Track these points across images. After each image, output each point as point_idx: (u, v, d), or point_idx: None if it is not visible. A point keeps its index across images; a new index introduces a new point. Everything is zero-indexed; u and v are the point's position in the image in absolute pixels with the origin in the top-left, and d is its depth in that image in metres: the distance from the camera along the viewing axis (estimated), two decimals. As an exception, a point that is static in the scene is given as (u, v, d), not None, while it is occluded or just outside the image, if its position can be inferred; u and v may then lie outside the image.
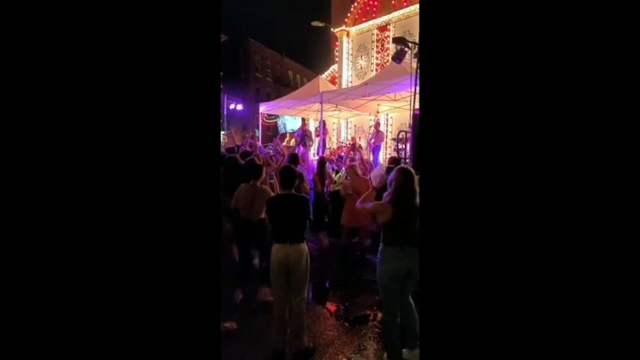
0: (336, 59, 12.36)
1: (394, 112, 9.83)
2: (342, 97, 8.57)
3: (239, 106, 19.15)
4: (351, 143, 8.81)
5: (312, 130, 11.23)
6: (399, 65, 6.50)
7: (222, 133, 17.21)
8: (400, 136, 7.11)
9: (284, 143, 11.00)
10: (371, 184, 4.85)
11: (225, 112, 18.60)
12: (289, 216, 2.78)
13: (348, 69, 11.86)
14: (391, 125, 10.47)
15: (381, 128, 9.72)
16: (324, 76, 12.50)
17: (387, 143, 9.72)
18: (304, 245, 2.79)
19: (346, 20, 11.53)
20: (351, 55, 11.82)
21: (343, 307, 3.66)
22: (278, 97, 15.08)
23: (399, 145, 7.22)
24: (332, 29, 12.15)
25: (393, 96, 8.17)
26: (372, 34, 11.09)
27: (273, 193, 3.45)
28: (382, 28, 10.78)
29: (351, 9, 11.38)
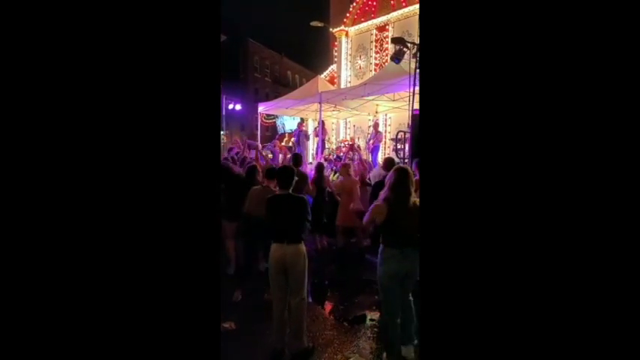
0: (335, 59, 12.36)
1: (393, 113, 9.83)
2: (341, 97, 8.58)
3: (238, 106, 19.15)
4: (350, 144, 8.82)
5: (310, 130, 11.25)
6: (398, 65, 6.51)
7: (222, 133, 17.23)
8: (399, 136, 7.10)
9: (282, 143, 11.03)
10: (358, 182, 4.86)
11: (223, 112, 18.55)
12: (286, 216, 2.77)
13: (346, 69, 11.86)
14: (390, 125, 10.47)
15: (380, 128, 9.73)
16: (322, 76, 12.49)
17: (385, 143, 9.71)
18: (302, 246, 2.77)
19: (345, 20, 11.53)
20: (349, 55, 11.82)
21: (342, 307, 3.66)
22: (277, 97, 15.09)
23: (397, 145, 7.22)
24: (331, 29, 12.15)
25: (391, 96, 8.18)
26: (371, 35, 11.09)
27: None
28: (381, 28, 10.79)
29: (350, 9, 11.38)
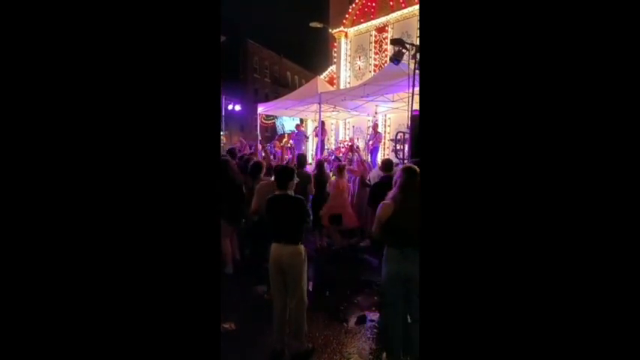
0: (335, 60, 12.36)
1: (392, 113, 9.84)
2: (341, 97, 8.59)
3: (237, 107, 19.09)
4: (349, 144, 8.82)
5: (309, 130, 11.25)
6: (397, 66, 6.51)
7: (221, 134, 17.23)
8: (398, 137, 7.10)
9: (282, 144, 11.01)
10: (346, 182, 4.83)
11: (223, 113, 18.47)
12: (283, 216, 2.76)
13: (346, 70, 11.86)
14: (389, 126, 10.47)
15: (379, 129, 9.73)
16: (322, 76, 12.49)
17: (385, 144, 9.71)
18: (299, 246, 2.73)
19: (344, 21, 11.53)
20: (349, 56, 11.82)
21: (342, 307, 3.66)
22: (276, 97, 15.10)
23: (397, 145, 7.22)
24: (330, 30, 12.15)
25: (391, 97, 8.19)
26: (370, 36, 11.09)
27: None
28: (380, 29, 10.79)
29: (350, 10, 11.38)
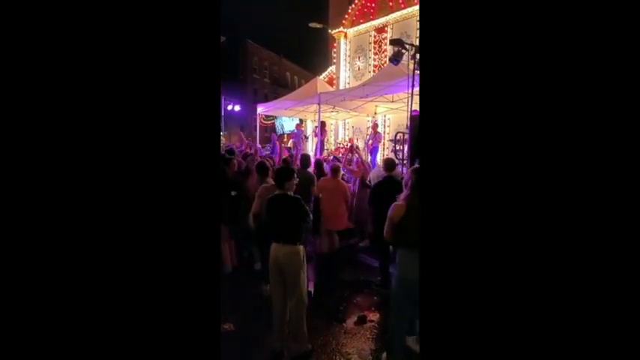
0: (334, 60, 12.36)
1: (391, 114, 9.84)
2: (340, 98, 8.56)
3: (237, 107, 19.12)
4: (349, 145, 8.80)
5: (309, 131, 11.25)
6: (397, 67, 6.51)
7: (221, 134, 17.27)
8: (397, 137, 7.10)
9: (281, 143, 11.01)
10: (341, 182, 4.74)
11: (222, 113, 18.54)
12: (282, 216, 2.75)
13: (345, 70, 11.87)
14: (388, 127, 10.48)
15: (379, 129, 9.73)
16: (321, 77, 12.49)
17: (384, 144, 9.71)
18: (298, 246, 2.71)
19: (344, 22, 11.53)
20: (348, 56, 11.82)
21: (341, 307, 3.66)
22: (276, 98, 15.09)
23: (396, 146, 7.21)
24: (330, 30, 12.15)
25: (390, 97, 8.19)
26: (370, 36, 11.10)
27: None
28: (380, 29, 10.79)
29: (349, 10, 11.38)
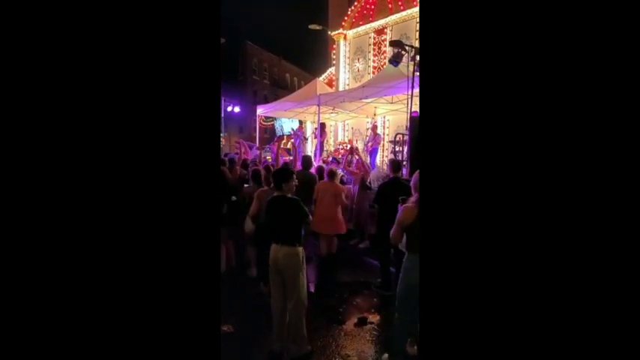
0: (334, 62, 12.36)
1: (391, 115, 9.84)
2: (340, 99, 8.58)
3: (236, 109, 19.23)
4: (349, 146, 8.80)
5: (309, 132, 11.25)
6: (396, 68, 6.51)
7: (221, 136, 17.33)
8: (397, 139, 7.10)
9: (279, 145, 11.02)
10: (339, 185, 4.71)
11: (222, 115, 18.82)
12: (280, 217, 2.75)
13: (345, 72, 11.87)
14: (388, 128, 10.48)
15: (379, 131, 9.72)
16: (321, 78, 12.49)
17: (384, 146, 9.71)
18: (297, 248, 2.70)
19: (343, 23, 11.54)
20: (348, 58, 11.83)
21: (341, 309, 3.65)
22: (275, 99, 15.08)
23: (396, 147, 7.21)
24: (329, 32, 12.16)
25: (390, 99, 8.19)
26: (369, 38, 11.11)
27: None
28: (379, 31, 10.80)
29: (349, 12, 11.39)
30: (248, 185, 4.51)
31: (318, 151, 8.99)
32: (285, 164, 5.38)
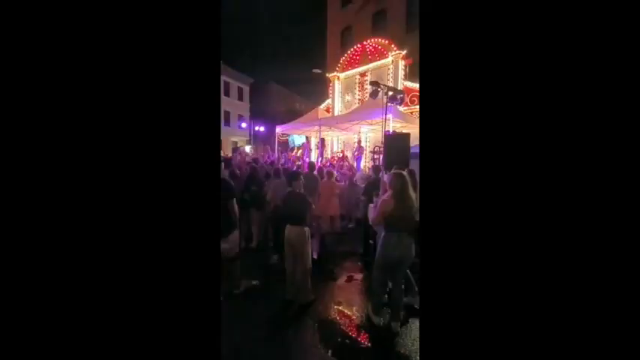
0: (330, 95, 12.28)
1: (371, 133, 9.82)
2: (334, 121, 8.56)
3: (261, 128, 20.47)
4: (341, 155, 8.77)
5: (312, 144, 11.20)
6: (374, 100, 6.45)
7: (249, 147, 17.39)
8: (375, 149, 7.07)
9: (293, 153, 10.99)
10: (335, 182, 4.70)
11: (252, 132, 21.10)
12: (292, 207, 2.72)
13: (338, 102, 11.82)
14: (369, 142, 10.42)
15: (362, 144, 9.71)
16: (321, 107, 12.38)
17: (366, 155, 9.67)
18: (303, 228, 2.67)
19: (337, 68, 11.54)
20: (340, 92, 11.78)
21: (335, 270, 3.65)
22: (289, 121, 14.98)
23: (374, 155, 7.19)
24: (327, 74, 12.12)
25: (370, 121, 8.13)
26: (355, 78, 11.06)
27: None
28: (362, 74, 10.76)
29: (341, 60, 11.39)
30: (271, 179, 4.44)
31: (319, 158, 8.96)
32: (298, 167, 5.36)
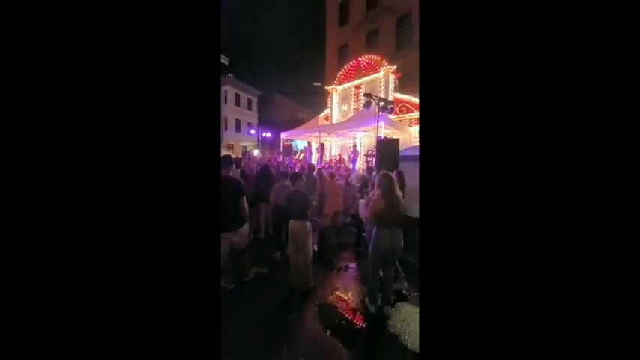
0: (329, 105, 12.33)
1: (365, 138, 9.85)
2: (333, 128, 8.60)
3: (268, 134, 21.41)
4: (338, 158, 8.80)
5: (313, 149, 11.23)
6: (368, 110, 6.49)
7: (257, 151, 17.56)
8: (369, 153, 7.09)
9: (296, 157, 11.02)
10: (338, 185, 4.75)
11: (260, 138, 21.60)
12: (294, 203, 2.75)
13: (336, 111, 11.87)
14: (363, 146, 10.44)
15: (357, 148, 9.74)
16: (321, 115, 12.42)
17: (361, 158, 9.70)
18: (305, 222, 2.69)
19: (335, 81, 11.62)
20: (338, 102, 11.83)
21: (333, 259, 3.67)
22: (292, 128, 15.00)
23: (368, 158, 7.22)
24: (326, 87, 12.18)
25: (364, 128, 8.18)
26: (351, 90, 11.10)
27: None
28: (357, 86, 10.82)
29: (338, 74, 11.46)
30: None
31: (319, 161, 8.99)
32: (301, 168, 5.37)
